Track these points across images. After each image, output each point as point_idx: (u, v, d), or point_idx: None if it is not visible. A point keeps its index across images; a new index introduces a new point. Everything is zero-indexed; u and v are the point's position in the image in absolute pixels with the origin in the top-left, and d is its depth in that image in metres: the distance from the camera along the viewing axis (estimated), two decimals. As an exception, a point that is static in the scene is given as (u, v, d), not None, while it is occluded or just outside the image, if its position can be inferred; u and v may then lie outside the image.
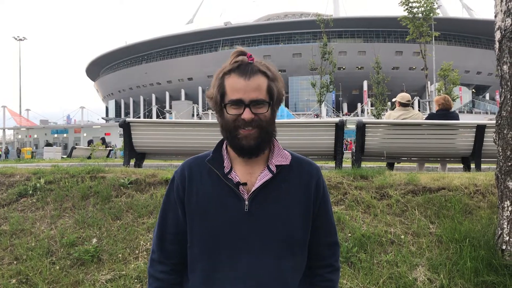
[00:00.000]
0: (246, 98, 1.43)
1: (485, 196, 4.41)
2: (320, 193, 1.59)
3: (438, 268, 3.53)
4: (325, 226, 1.63)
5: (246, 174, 1.52)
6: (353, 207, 4.40)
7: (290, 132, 6.93)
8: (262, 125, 1.46)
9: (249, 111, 1.43)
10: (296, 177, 1.55)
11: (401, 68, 78.88)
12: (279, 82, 1.52)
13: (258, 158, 1.53)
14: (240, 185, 1.49)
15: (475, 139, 6.54)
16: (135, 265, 3.88)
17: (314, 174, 1.59)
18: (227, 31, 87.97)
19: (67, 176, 5.36)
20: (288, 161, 1.56)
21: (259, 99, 1.44)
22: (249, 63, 1.47)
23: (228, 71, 1.47)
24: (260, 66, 1.47)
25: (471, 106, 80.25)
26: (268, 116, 1.47)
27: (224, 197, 1.48)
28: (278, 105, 1.55)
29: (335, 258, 1.65)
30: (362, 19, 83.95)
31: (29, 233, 4.46)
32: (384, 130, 7.01)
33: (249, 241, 1.45)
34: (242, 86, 1.43)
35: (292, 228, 1.49)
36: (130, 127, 6.94)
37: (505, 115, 3.52)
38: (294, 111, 68.81)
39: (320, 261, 1.62)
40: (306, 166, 1.60)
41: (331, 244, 1.65)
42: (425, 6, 28.79)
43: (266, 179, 1.50)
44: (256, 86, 1.44)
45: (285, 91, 1.60)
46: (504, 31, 3.52)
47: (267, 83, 1.47)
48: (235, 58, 1.48)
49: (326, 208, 1.63)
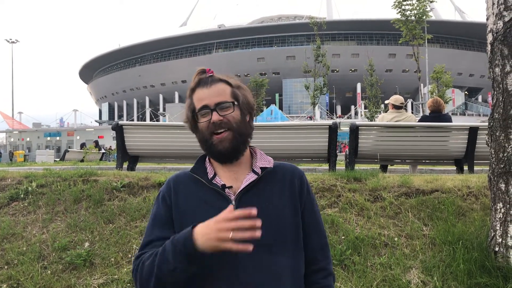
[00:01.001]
0: (210, 102, 1.51)
1: (478, 198, 4.42)
2: (304, 189, 1.62)
3: (431, 270, 3.53)
4: (314, 228, 1.63)
5: (231, 179, 1.56)
6: (347, 210, 4.39)
7: (283, 134, 6.93)
8: (233, 126, 1.51)
9: (216, 114, 1.50)
10: (280, 178, 1.60)
11: (394, 71, 79.28)
12: (245, 90, 1.61)
13: (241, 164, 1.58)
14: (225, 188, 1.52)
15: (468, 141, 6.56)
16: (127, 269, 3.85)
17: (296, 173, 1.64)
18: (221, 34, 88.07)
19: (59, 179, 5.32)
20: (271, 164, 1.61)
21: (223, 101, 1.51)
22: (209, 76, 1.57)
23: (192, 89, 1.58)
24: (221, 76, 1.58)
25: (463, 108, 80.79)
26: (237, 117, 1.53)
27: (211, 200, 1.50)
28: (250, 111, 1.61)
29: (328, 261, 1.65)
30: (355, 22, 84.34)
31: (21, 237, 4.42)
32: (377, 132, 7.03)
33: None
34: (205, 94, 1.53)
35: (282, 226, 1.51)
36: (123, 130, 6.90)
37: (497, 117, 3.53)
38: (288, 113, 68.95)
39: (313, 265, 1.60)
40: (289, 167, 1.66)
41: (322, 246, 1.64)
42: (418, 9, 28.99)
43: (252, 180, 1.53)
44: (218, 90, 1.53)
45: (279, 94, 1.63)
46: (495, 34, 3.53)
47: (230, 89, 1.56)
48: (197, 76, 1.58)
49: (313, 208, 1.65)
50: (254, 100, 1.66)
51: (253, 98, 1.65)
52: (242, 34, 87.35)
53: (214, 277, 1.44)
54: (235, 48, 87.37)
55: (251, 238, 1.28)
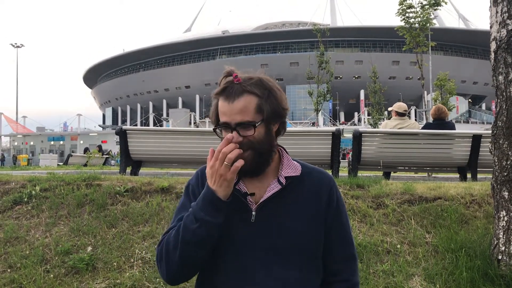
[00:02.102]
0: (231, 121, 1.43)
1: (481, 206, 4.42)
2: (333, 203, 1.55)
3: (434, 278, 3.52)
4: (340, 240, 1.57)
5: (255, 187, 1.50)
6: (349, 216, 4.39)
7: (286, 141, 6.93)
8: (254, 147, 1.43)
9: (236, 134, 1.41)
10: (306, 188, 1.53)
11: (397, 78, 79.23)
12: (275, 96, 1.50)
13: (267, 171, 1.52)
14: (248, 196, 1.48)
15: (471, 149, 6.54)
16: (130, 274, 3.85)
17: (325, 183, 1.56)
18: (225, 40, 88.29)
19: (62, 183, 5.34)
20: (298, 172, 1.54)
21: (244, 122, 1.42)
22: (235, 84, 1.44)
23: (216, 94, 1.48)
24: (247, 85, 1.44)
25: (467, 116, 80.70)
26: (259, 136, 1.44)
27: (231, 206, 1.45)
28: (279, 120, 1.52)
29: (352, 272, 1.59)
30: (359, 29, 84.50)
31: (24, 241, 4.43)
32: (380, 139, 7.02)
33: (255, 252, 1.43)
34: (227, 110, 1.43)
35: (300, 241, 1.46)
36: (127, 135, 6.92)
37: (500, 125, 3.53)
38: (291, 119, 68.91)
39: (335, 276, 1.56)
40: (317, 175, 1.58)
41: (347, 258, 1.59)
42: (422, 16, 28.96)
43: (275, 191, 1.48)
44: (241, 108, 1.42)
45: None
46: (499, 42, 3.54)
47: (256, 102, 1.44)
48: (223, 79, 1.48)
49: (340, 219, 1.58)
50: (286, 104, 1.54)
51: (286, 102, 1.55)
52: (246, 40, 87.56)
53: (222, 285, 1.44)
54: (238, 54, 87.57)
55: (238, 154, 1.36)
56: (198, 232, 1.37)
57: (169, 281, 1.48)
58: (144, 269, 3.90)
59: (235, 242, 1.45)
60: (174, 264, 1.42)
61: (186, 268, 1.43)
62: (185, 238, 1.38)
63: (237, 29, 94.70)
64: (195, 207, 1.40)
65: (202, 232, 1.37)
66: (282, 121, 1.54)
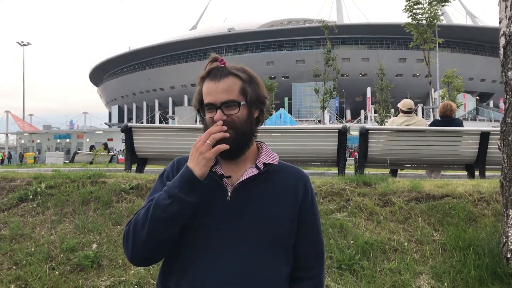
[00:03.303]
0: (216, 100, 1.47)
1: (489, 204, 4.37)
2: (308, 198, 1.59)
3: (441, 276, 3.48)
4: (313, 236, 1.62)
5: (232, 171, 1.53)
6: (356, 214, 4.35)
7: (292, 138, 6.90)
8: (236, 126, 1.47)
9: (220, 113, 1.46)
10: (283, 178, 1.57)
11: (404, 75, 78.89)
12: (257, 84, 1.56)
13: (245, 158, 1.55)
14: (224, 178, 1.50)
15: (479, 146, 6.49)
16: (135, 271, 3.84)
17: (301, 179, 1.60)
18: (231, 37, 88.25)
19: (68, 181, 5.34)
20: (275, 161, 1.58)
21: (229, 100, 1.47)
22: (221, 67, 1.52)
23: (202, 78, 1.54)
24: (232, 69, 1.52)
25: (475, 113, 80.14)
26: (242, 117, 1.49)
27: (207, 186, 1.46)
28: (260, 107, 1.57)
29: (322, 270, 1.64)
30: (366, 26, 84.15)
31: (29, 238, 4.43)
32: (387, 136, 6.97)
33: (229, 234, 1.44)
34: (213, 89, 1.49)
35: (274, 226, 1.48)
36: (132, 132, 6.92)
37: (509, 122, 3.48)
38: (297, 117, 68.71)
39: (306, 272, 1.59)
40: (294, 170, 1.63)
41: (319, 255, 1.64)
42: (429, 12, 28.83)
43: (252, 174, 1.51)
44: (226, 87, 1.48)
45: (288, 98, 1.58)
46: (508, 37, 3.49)
47: (240, 85, 1.51)
48: (209, 64, 1.54)
49: (314, 216, 1.62)
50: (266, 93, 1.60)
51: (267, 92, 1.60)
52: (252, 38, 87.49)
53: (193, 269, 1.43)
54: (244, 51, 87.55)
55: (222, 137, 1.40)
56: (169, 208, 1.37)
57: (132, 260, 1.47)
58: (149, 267, 3.89)
59: (208, 221, 1.45)
60: (140, 242, 1.40)
61: (151, 247, 1.42)
62: (155, 215, 1.38)
63: (243, 27, 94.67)
64: (170, 185, 1.41)
65: (173, 209, 1.37)
66: (261, 109, 1.58)
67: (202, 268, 1.42)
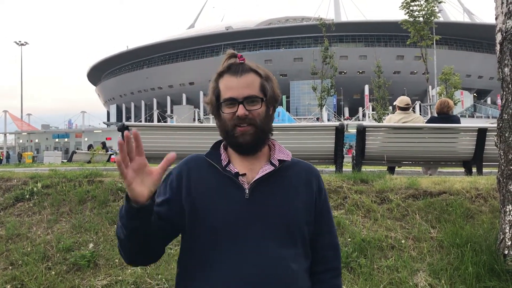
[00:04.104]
0: (239, 95, 1.47)
1: (486, 201, 4.36)
2: (322, 192, 1.62)
3: (439, 273, 3.48)
4: (329, 228, 1.64)
5: (246, 169, 1.53)
6: (353, 212, 4.35)
7: (290, 136, 6.88)
8: (256, 123, 1.48)
9: (243, 108, 1.46)
10: (297, 173, 1.58)
11: (402, 72, 78.86)
12: (272, 82, 1.56)
13: (259, 155, 1.55)
14: (239, 176, 1.50)
15: (477, 142, 6.48)
16: (131, 271, 3.83)
17: (314, 173, 1.63)
18: (228, 36, 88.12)
19: (64, 180, 5.32)
20: (289, 158, 1.58)
21: (252, 95, 1.48)
22: (240, 63, 1.52)
23: (221, 73, 1.53)
24: (251, 65, 1.53)
25: (472, 110, 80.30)
26: (262, 113, 1.50)
27: (223, 187, 1.49)
28: (274, 104, 1.58)
29: (339, 261, 1.65)
30: (363, 24, 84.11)
31: (25, 238, 4.41)
32: (384, 133, 6.96)
33: (250, 229, 1.45)
34: (235, 84, 1.48)
35: (292, 218, 1.50)
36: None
37: (506, 118, 3.47)
38: (295, 115, 68.69)
39: (324, 265, 1.60)
40: (306, 165, 1.64)
41: (334, 246, 1.65)
42: (426, 9, 28.84)
43: (268, 171, 1.52)
44: (248, 83, 1.49)
45: (286, 96, 1.59)
46: (505, 33, 3.48)
47: (260, 81, 1.52)
48: (227, 60, 1.54)
49: (328, 209, 1.65)
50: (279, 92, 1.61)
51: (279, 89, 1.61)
52: (250, 36, 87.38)
53: (218, 265, 1.43)
54: (242, 50, 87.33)
55: None
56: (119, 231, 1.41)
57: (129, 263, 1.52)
58: (145, 266, 3.88)
59: (229, 219, 1.45)
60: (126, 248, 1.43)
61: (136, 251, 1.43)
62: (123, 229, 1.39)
63: (241, 25, 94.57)
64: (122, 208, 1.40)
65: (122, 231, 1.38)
66: (274, 107, 1.59)
67: (227, 266, 1.42)
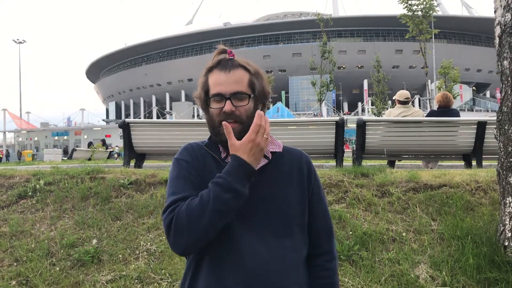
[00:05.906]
0: (226, 91, 1.48)
1: (486, 193, 4.39)
2: (312, 177, 1.63)
3: (440, 265, 3.51)
4: (322, 212, 1.65)
5: None
6: (354, 205, 4.37)
7: (290, 131, 6.91)
8: (243, 120, 1.48)
9: (229, 103, 1.47)
10: (288, 162, 1.60)
11: (401, 67, 78.86)
12: (262, 79, 1.57)
13: None
14: None
15: (476, 135, 6.50)
16: (135, 266, 3.86)
17: (304, 159, 1.64)
18: (227, 32, 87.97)
19: (66, 177, 5.35)
20: (280, 149, 1.61)
21: (239, 91, 1.49)
22: (230, 59, 1.53)
23: (210, 68, 1.55)
24: (241, 61, 1.54)
25: (471, 104, 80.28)
26: (249, 110, 1.50)
27: None
28: (264, 101, 1.59)
29: (332, 245, 1.67)
30: (362, 18, 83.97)
31: (29, 235, 4.44)
32: (384, 128, 6.99)
33: (249, 221, 1.47)
34: (223, 79, 1.49)
35: (289, 208, 1.52)
36: (130, 128, 6.91)
37: (506, 111, 3.49)
38: (294, 111, 68.65)
39: (318, 249, 1.62)
40: (296, 152, 1.66)
41: (329, 230, 1.67)
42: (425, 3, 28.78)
43: (262, 164, 1.54)
44: (236, 79, 1.50)
45: (286, 91, 1.60)
46: (504, 26, 3.50)
47: (249, 77, 1.52)
48: (217, 56, 1.56)
49: (320, 193, 1.66)
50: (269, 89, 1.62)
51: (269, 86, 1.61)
52: (248, 32, 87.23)
53: (220, 261, 1.45)
54: (241, 46, 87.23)
55: None
56: (232, 202, 1.37)
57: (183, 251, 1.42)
58: (149, 261, 3.91)
59: None
60: (197, 233, 1.37)
61: (206, 237, 1.39)
62: (217, 208, 1.35)
63: (239, 21, 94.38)
64: (227, 178, 1.37)
65: (235, 202, 1.37)
66: (264, 104, 1.60)
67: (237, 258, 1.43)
